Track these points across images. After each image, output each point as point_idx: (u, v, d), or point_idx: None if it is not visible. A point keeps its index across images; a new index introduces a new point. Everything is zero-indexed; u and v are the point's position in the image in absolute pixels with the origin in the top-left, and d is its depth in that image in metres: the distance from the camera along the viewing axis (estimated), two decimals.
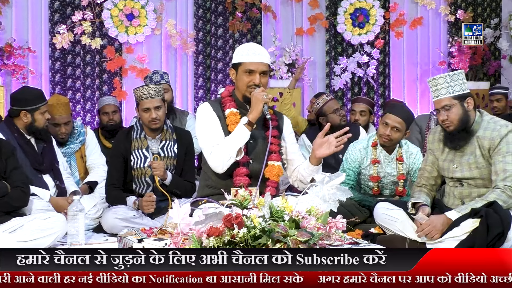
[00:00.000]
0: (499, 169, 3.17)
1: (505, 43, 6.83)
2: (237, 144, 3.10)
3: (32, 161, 3.86)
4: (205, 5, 6.44)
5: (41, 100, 3.94)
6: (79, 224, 3.34)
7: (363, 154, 4.04)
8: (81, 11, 6.05)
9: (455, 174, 3.34)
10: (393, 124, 3.89)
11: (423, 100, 6.88)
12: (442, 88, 3.23)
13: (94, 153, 4.57)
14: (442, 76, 3.24)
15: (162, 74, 4.97)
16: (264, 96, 3.08)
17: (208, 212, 2.33)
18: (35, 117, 3.90)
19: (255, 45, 3.28)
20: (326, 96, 4.92)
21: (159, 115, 3.87)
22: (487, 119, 3.29)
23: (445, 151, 3.39)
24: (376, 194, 4.04)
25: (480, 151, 3.25)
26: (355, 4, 6.66)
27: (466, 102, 3.23)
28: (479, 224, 3.06)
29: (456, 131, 3.25)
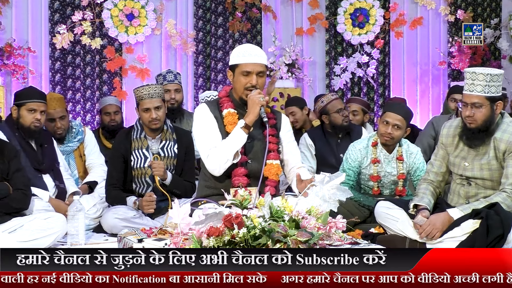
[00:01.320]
0: (510, 173, 3.14)
1: (505, 43, 6.83)
2: (234, 147, 3.10)
3: (32, 160, 3.86)
4: (205, 5, 6.44)
5: (31, 97, 3.87)
6: (79, 224, 3.34)
7: (363, 154, 4.05)
8: (81, 11, 6.05)
9: (465, 172, 3.30)
10: (394, 122, 3.89)
11: (423, 100, 6.89)
12: (478, 85, 3.13)
13: (93, 153, 4.57)
14: (483, 73, 3.12)
15: (176, 74, 4.96)
16: (260, 98, 3.08)
17: (208, 212, 2.33)
18: (21, 112, 3.85)
19: (251, 46, 3.29)
20: (331, 95, 4.92)
21: (159, 115, 3.86)
22: (507, 121, 3.24)
23: (459, 147, 3.33)
24: (376, 194, 4.04)
25: (494, 152, 3.20)
26: (355, 4, 6.66)
27: (496, 105, 3.17)
28: (479, 225, 3.06)
29: (477, 130, 3.20)
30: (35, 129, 3.89)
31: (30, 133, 3.89)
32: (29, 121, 3.85)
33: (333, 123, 4.74)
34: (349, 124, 4.78)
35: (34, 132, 3.89)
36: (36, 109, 3.86)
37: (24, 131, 3.88)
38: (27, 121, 3.85)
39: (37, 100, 3.89)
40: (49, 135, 4.18)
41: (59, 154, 4.17)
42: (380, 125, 3.97)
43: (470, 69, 3.19)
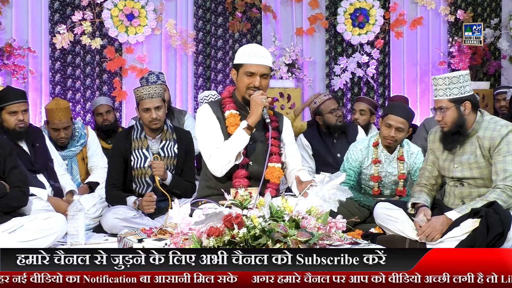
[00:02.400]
0: (499, 169, 3.17)
1: (505, 43, 6.83)
2: (237, 148, 3.09)
3: (25, 162, 3.78)
4: (205, 5, 6.44)
5: (9, 99, 3.76)
6: (79, 224, 3.34)
7: (364, 154, 4.05)
8: (81, 11, 6.05)
9: (455, 174, 3.34)
10: (397, 125, 3.90)
11: (423, 100, 6.89)
12: (440, 89, 3.23)
13: (96, 155, 4.56)
14: (442, 77, 3.23)
15: (157, 74, 4.97)
16: (263, 99, 3.07)
17: (208, 212, 2.33)
18: (3, 116, 3.77)
19: (257, 46, 3.26)
20: (323, 96, 4.92)
21: (159, 115, 3.86)
22: (487, 119, 3.29)
23: (445, 151, 3.39)
24: (376, 194, 4.04)
25: (480, 151, 3.25)
26: (355, 4, 6.66)
27: (463, 105, 3.22)
28: (479, 224, 3.06)
29: (450, 133, 3.27)
30: (21, 130, 3.80)
31: (17, 134, 3.80)
32: (13, 123, 3.77)
33: (327, 123, 4.75)
34: (343, 124, 4.78)
35: (20, 133, 3.81)
36: (16, 111, 3.76)
37: (10, 134, 3.77)
38: (11, 124, 3.76)
39: (16, 101, 3.78)
40: (39, 131, 4.10)
41: (51, 150, 4.12)
42: (383, 128, 3.97)
43: (434, 76, 3.31)
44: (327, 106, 4.77)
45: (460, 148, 3.30)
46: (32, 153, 3.91)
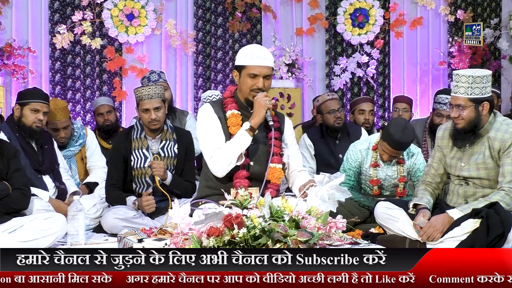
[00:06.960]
0: (506, 171, 3.16)
1: (505, 43, 6.83)
2: (238, 149, 3.09)
3: (32, 161, 3.86)
4: (205, 5, 6.43)
5: (35, 97, 3.90)
6: (79, 224, 3.34)
7: (364, 155, 4.04)
8: (81, 11, 6.05)
9: (461, 173, 3.32)
10: (394, 154, 3.90)
11: (423, 100, 6.88)
12: (461, 87, 3.18)
13: (95, 155, 4.57)
14: (465, 75, 3.16)
15: (159, 73, 4.99)
16: (267, 101, 3.06)
17: (208, 212, 2.33)
18: (24, 111, 3.87)
19: (259, 47, 3.23)
20: (326, 95, 4.95)
21: (159, 116, 3.86)
22: (500, 120, 3.26)
23: (454, 148, 3.36)
24: (376, 194, 4.04)
25: (489, 151, 3.23)
26: (355, 4, 6.65)
27: (481, 106, 3.19)
28: (480, 225, 3.06)
29: (464, 131, 3.23)
30: (37, 129, 3.90)
31: (31, 133, 3.90)
32: (31, 121, 3.87)
33: (325, 123, 4.76)
34: (342, 126, 4.77)
35: (35, 132, 3.91)
36: (39, 110, 3.89)
37: (25, 131, 3.89)
38: (29, 121, 3.87)
39: (41, 101, 3.92)
40: (50, 136, 4.18)
41: (59, 155, 4.17)
42: (383, 154, 3.91)
43: (456, 71, 3.24)
44: (327, 106, 4.78)
45: (469, 147, 3.28)
46: (40, 154, 3.97)
